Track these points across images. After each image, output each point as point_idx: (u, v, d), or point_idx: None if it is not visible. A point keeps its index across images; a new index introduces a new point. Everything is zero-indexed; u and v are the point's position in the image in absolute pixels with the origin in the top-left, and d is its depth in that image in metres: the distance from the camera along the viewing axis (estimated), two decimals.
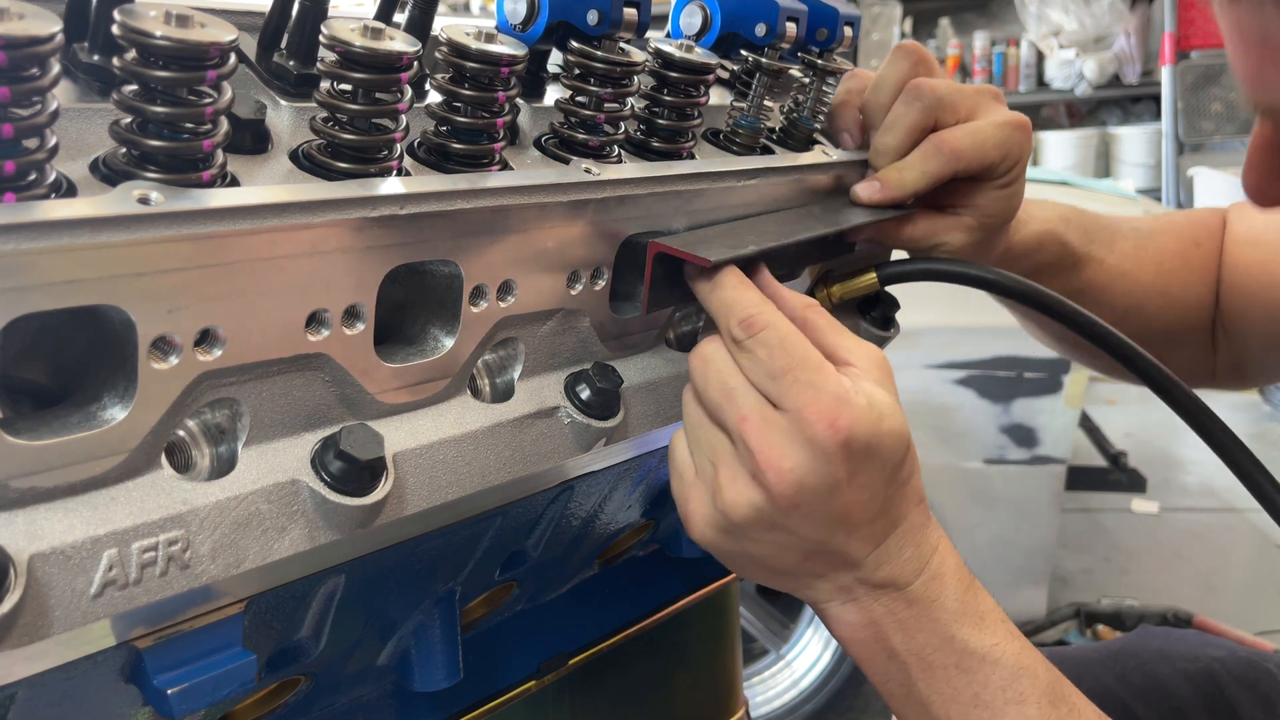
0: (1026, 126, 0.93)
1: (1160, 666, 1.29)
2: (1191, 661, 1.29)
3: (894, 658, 0.73)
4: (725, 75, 0.93)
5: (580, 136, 0.73)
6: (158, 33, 0.50)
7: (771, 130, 0.92)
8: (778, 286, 0.74)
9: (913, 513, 0.73)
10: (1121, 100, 7.08)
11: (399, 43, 0.58)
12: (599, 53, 0.71)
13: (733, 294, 0.71)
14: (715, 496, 0.69)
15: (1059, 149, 6.60)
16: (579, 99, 0.73)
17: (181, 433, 0.56)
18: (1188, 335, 1.22)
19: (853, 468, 0.67)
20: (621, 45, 0.74)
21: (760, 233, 0.78)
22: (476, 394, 0.68)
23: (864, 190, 0.91)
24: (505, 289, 0.66)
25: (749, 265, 0.73)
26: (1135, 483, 3.45)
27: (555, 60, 0.79)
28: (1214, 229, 1.23)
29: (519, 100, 0.74)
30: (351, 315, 0.58)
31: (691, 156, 0.80)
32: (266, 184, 0.58)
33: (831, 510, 0.68)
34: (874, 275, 0.91)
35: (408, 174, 0.64)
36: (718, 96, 0.91)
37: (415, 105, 0.66)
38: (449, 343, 0.64)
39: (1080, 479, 3.30)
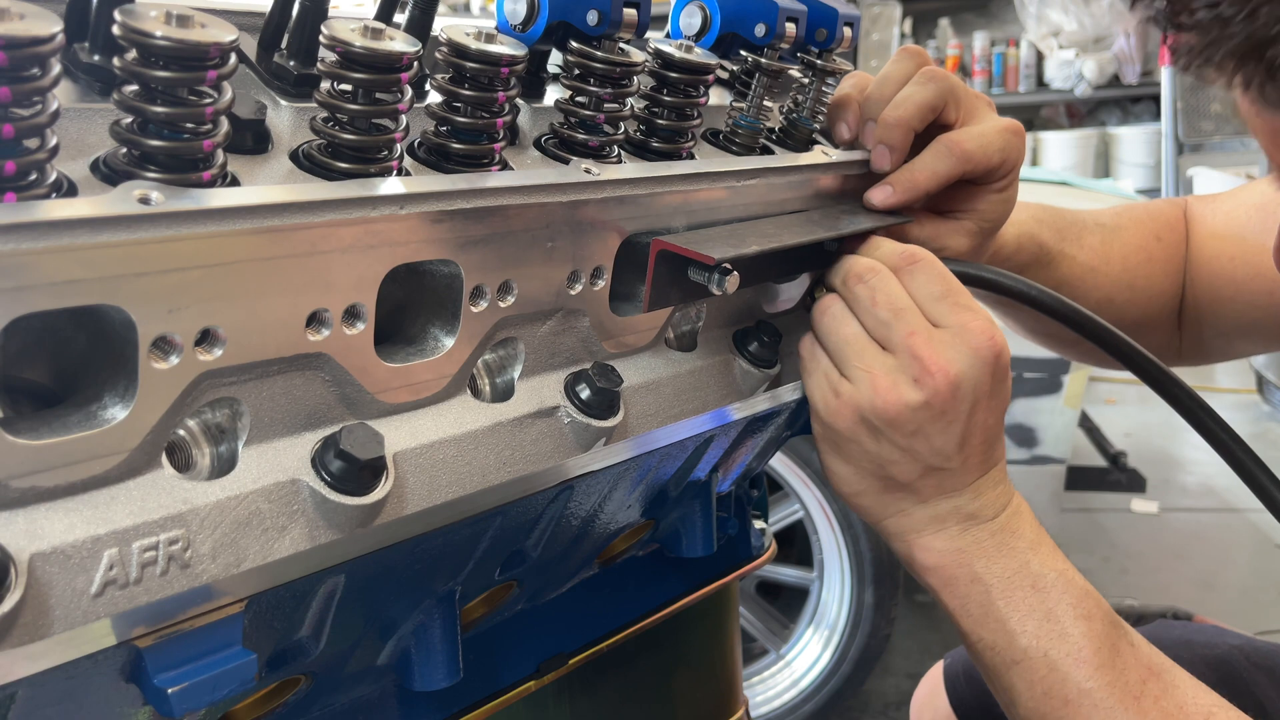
0: (1021, 132, 0.97)
1: (1182, 652, 1.30)
2: (1210, 649, 1.30)
3: (976, 581, 0.82)
4: (725, 75, 0.93)
5: (580, 136, 0.73)
6: (158, 33, 0.50)
7: (771, 130, 0.92)
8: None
9: (1003, 453, 0.84)
10: (1121, 100, 7.08)
11: (399, 43, 0.58)
12: (599, 53, 0.72)
13: (886, 241, 0.83)
14: (872, 396, 0.78)
15: (1059, 149, 6.61)
16: (579, 99, 0.73)
17: (182, 432, 0.56)
18: (1152, 323, 1.27)
19: (995, 384, 0.78)
20: (621, 45, 0.74)
21: (763, 234, 0.78)
22: (476, 394, 0.68)
23: (877, 195, 0.92)
24: (505, 289, 0.66)
25: (746, 269, 0.73)
26: (1135, 483, 3.45)
27: (555, 60, 0.79)
28: (1173, 221, 1.28)
29: (519, 100, 0.75)
30: (352, 315, 0.58)
31: (691, 157, 0.80)
32: (267, 184, 0.59)
33: (969, 423, 0.78)
34: None
35: (408, 174, 0.64)
36: (717, 97, 0.91)
37: (415, 105, 0.66)
38: (449, 342, 0.64)
39: (1080, 479, 3.30)
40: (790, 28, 0.86)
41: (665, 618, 1.01)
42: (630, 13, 0.73)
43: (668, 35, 0.90)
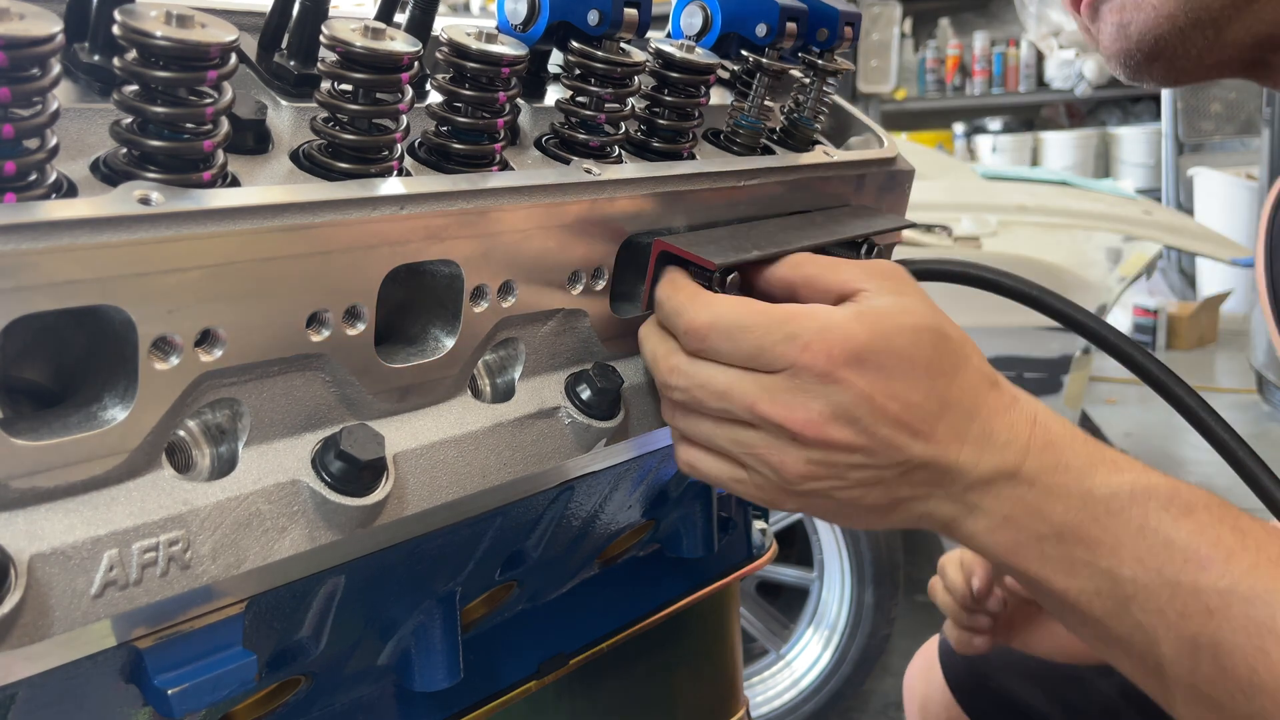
0: None
1: None
2: None
3: (1042, 540, 0.69)
4: (726, 75, 0.93)
5: (581, 137, 0.73)
6: (158, 33, 0.50)
7: (772, 131, 0.92)
8: (767, 267, 0.73)
9: (988, 397, 0.70)
10: (1121, 100, 7.08)
11: (399, 43, 0.58)
12: (600, 53, 0.71)
13: (669, 304, 0.70)
14: (780, 476, 0.69)
15: (1059, 149, 6.61)
16: (579, 99, 0.73)
17: (182, 433, 0.56)
18: None
19: (875, 376, 0.66)
20: (622, 45, 0.74)
21: (764, 237, 0.78)
22: (477, 394, 0.68)
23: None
24: (506, 289, 0.66)
25: (750, 269, 0.73)
26: None
27: (556, 60, 0.79)
28: None
29: (519, 100, 0.74)
30: (352, 315, 0.58)
31: (692, 157, 0.80)
32: (267, 184, 0.59)
33: (886, 425, 0.67)
34: None
35: (408, 174, 0.64)
36: (718, 97, 0.91)
37: (416, 105, 0.66)
38: (449, 343, 0.64)
39: None
40: (791, 28, 0.86)
41: (665, 618, 1.01)
42: (631, 13, 0.73)
43: (669, 35, 0.90)
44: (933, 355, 0.68)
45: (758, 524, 1.12)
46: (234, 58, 0.54)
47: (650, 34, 0.79)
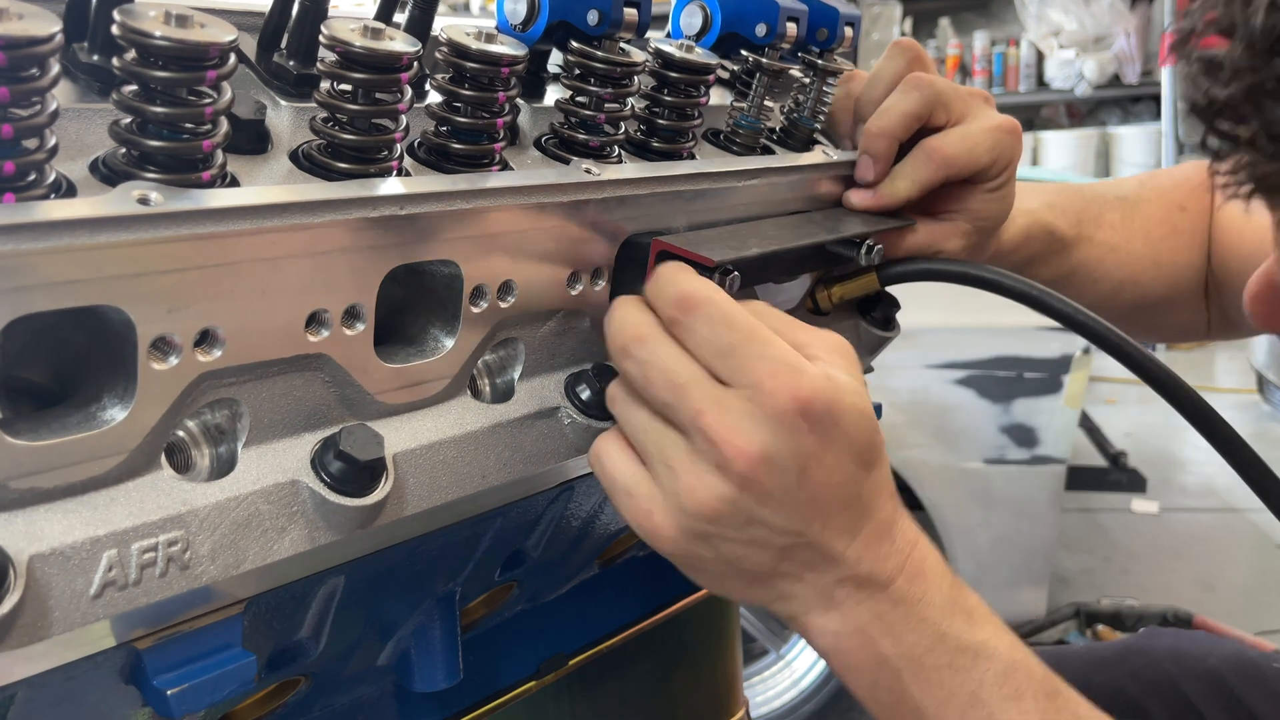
0: (1017, 130, 0.93)
1: (1170, 665, 1.29)
2: (1200, 661, 1.29)
3: (884, 664, 0.69)
4: (725, 75, 0.93)
5: (580, 137, 0.73)
6: (157, 33, 0.50)
7: (772, 130, 0.92)
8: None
9: (885, 505, 0.69)
10: (1121, 100, 7.08)
11: (399, 43, 0.58)
12: (599, 53, 0.71)
13: (667, 274, 0.67)
14: (681, 501, 0.64)
15: (1059, 149, 6.61)
16: (579, 99, 0.73)
17: (181, 433, 0.56)
18: (1181, 297, 1.22)
19: (820, 439, 0.64)
20: (622, 45, 0.74)
21: (763, 236, 0.78)
22: (476, 394, 0.68)
23: (856, 196, 0.90)
24: (505, 289, 0.66)
25: (746, 270, 0.73)
26: (1135, 483, 3.45)
27: (555, 60, 0.79)
28: (1198, 187, 1.23)
29: (519, 100, 0.74)
30: (351, 315, 0.58)
31: (692, 157, 0.80)
32: (266, 184, 0.58)
33: (803, 491, 0.65)
34: (874, 275, 0.91)
35: (408, 174, 0.64)
36: (718, 97, 0.91)
37: (415, 105, 0.66)
38: (449, 343, 0.64)
39: (1080, 479, 3.30)
40: (791, 27, 0.86)
41: (665, 618, 1.01)
42: (631, 12, 0.73)
43: (668, 35, 0.90)
44: (864, 446, 0.67)
45: None
46: (233, 58, 0.54)
47: (650, 34, 0.79)
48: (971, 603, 0.71)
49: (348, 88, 0.59)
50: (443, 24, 0.66)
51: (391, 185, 0.58)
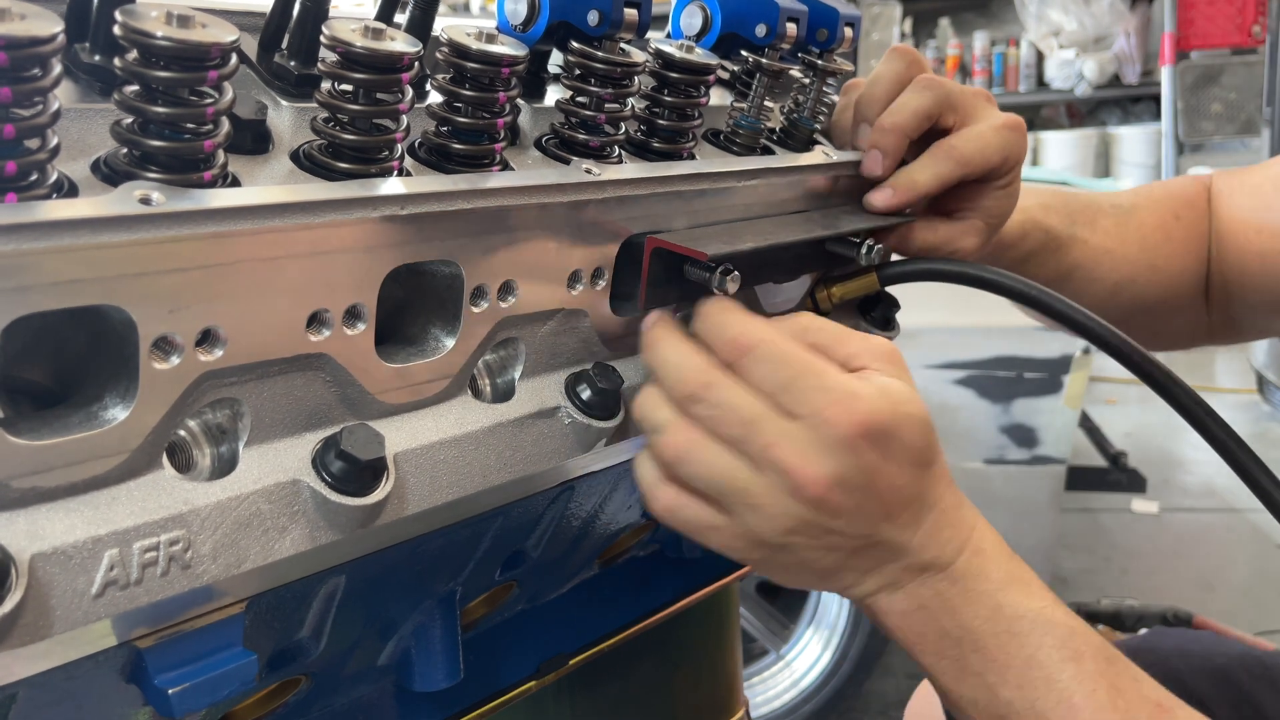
0: (1022, 127, 0.96)
1: (1178, 662, 1.29)
2: (1207, 659, 1.29)
3: (945, 636, 0.73)
4: (725, 76, 0.93)
5: (581, 137, 0.73)
6: (159, 33, 0.50)
7: (772, 131, 0.92)
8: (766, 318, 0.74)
9: (945, 494, 0.74)
10: (1121, 100, 7.08)
11: (400, 43, 0.58)
12: (599, 53, 0.71)
13: (717, 315, 0.71)
14: (762, 527, 0.69)
15: (1059, 149, 6.61)
16: (579, 99, 0.73)
17: (183, 433, 0.56)
18: (1180, 301, 1.25)
19: (882, 454, 0.68)
20: (622, 46, 0.74)
21: (759, 232, 0.78)
22: (477, 394, 0.68)
23: (877, 198, 0.92)
24: (506, 289, 0.66)
25: (744, 268, 0.73)
26: (1135, 483, 3.45)
27: (556, 61, 0.79)
28: (1193, 198, 1.26)
29: (519, 101, 0.74)
30: (352, 315, 0.58)
31: (692, 157, 0.80)
32: (267, 184, 0.59)
33: (871, 502, 0.69)
34: (874, 276, 0.91)
35: (408, 174, 0.64)
36: (718, 97, 0.91)
37: (416, 105, 0.66)
38: (450, 343, 0.64)
39: (1080, 479, 3.30)
40: (791, 28, 0.86)
41: (665, 618, 1.01)
42: (631, 13, 0.73)
43: (668, 35, 0.90)
44: (923, 446, 0.71)
45: None
46: (234, 58, 0.54)
47: (650, 34, 0.79)
48: (1028, 576, 0.75)
49: (349, 88, 0.59)
50: (443, 24, 0.67)
51: (392, 185, 0.58)
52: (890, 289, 0.94)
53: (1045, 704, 0.71)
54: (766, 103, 0.86)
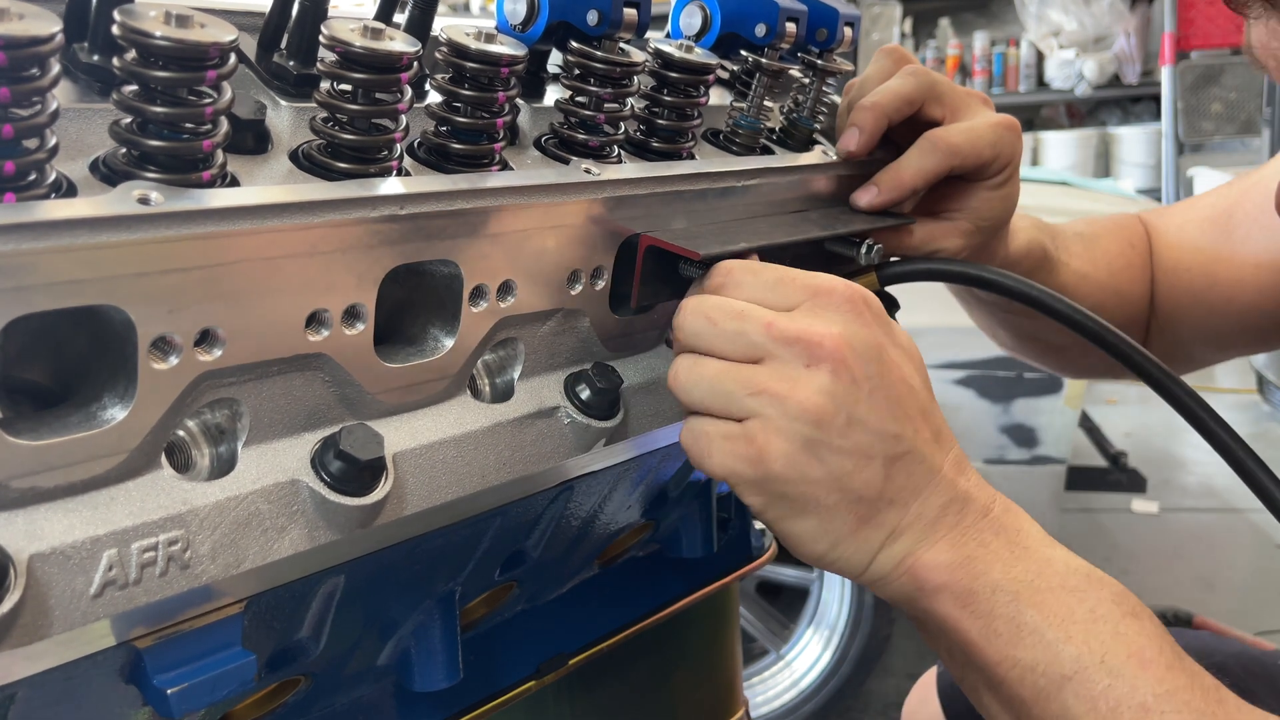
0: (1017, 128, 0.94)
1: None
2: (1207, 657, 1.29)
3: (998, 590, 0.68)
4: (725, 75, 0.93)
5: (580, 136, 0.73)
6: (158, 33, 0.50)
7: (771, 131, 0.92)
8: None
9: (955, 444, 0.72)
10: (1121, 100, 7.08)
11: (399, 43, 0.58)
12: (599, 53, 0.71)
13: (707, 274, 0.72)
14: (782, 409, 0.66)
15: (1059, 149, 6.60)
16: (579, 99, 0.73)
17: (181, 433, 0.56)
18: (1134, 330, 1.26)
19: (883, 330, 0.69)
20: (621, 45, 0.74)
21: (756, 232, 0.78)
22: (476, 394, 0.68)
23: (862, 197, 0.91)
24: (505, 289, 0.66)
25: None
26: (1135, 483, 3.45)
27: (555, 60, 0.79)
28: (1138, 233, 1.28)
29: (519, 100, 0.74)
30: (351, 315, 0.58)
31: (691, 157, 0.80)
32: (266, 184, 0.59)
33: (885, 383, 0.68)
34: (874, 276, 0.91)
35: (408, 174, 0.64)
36: (717, 97, 0.91)
37: (415, 105, 0.66)
38: (449, 343, 0.64)
39: (1080, 479, 3.30)
40: (791, 28, 0.86)
41: (665, 618, 1.01)
42: (630, 13, 0.73)
43: (668, 35, 0.90)
44: (916, 357, 0.71)
45: (758, 524, 1.12)
46: (233, 58, 0.54)
47: (649, 34, 0.79)
48: (1062, 546, 0.72)
49: (348, 88, 0.59)
50: (442, 24, 0.67)
51: (391, 185, 0.58)
52: (890, 289, 0.94)
53: (1115, 659, 0.66)
54: (766, 102, 0.86)
